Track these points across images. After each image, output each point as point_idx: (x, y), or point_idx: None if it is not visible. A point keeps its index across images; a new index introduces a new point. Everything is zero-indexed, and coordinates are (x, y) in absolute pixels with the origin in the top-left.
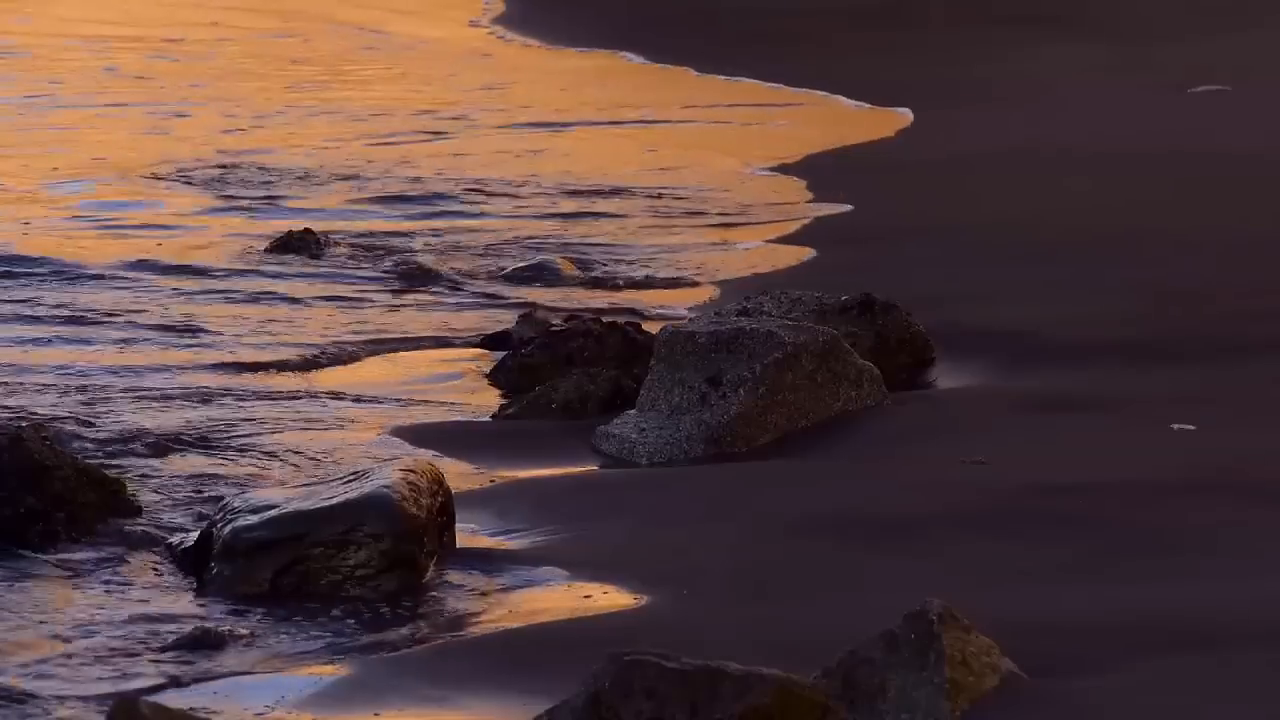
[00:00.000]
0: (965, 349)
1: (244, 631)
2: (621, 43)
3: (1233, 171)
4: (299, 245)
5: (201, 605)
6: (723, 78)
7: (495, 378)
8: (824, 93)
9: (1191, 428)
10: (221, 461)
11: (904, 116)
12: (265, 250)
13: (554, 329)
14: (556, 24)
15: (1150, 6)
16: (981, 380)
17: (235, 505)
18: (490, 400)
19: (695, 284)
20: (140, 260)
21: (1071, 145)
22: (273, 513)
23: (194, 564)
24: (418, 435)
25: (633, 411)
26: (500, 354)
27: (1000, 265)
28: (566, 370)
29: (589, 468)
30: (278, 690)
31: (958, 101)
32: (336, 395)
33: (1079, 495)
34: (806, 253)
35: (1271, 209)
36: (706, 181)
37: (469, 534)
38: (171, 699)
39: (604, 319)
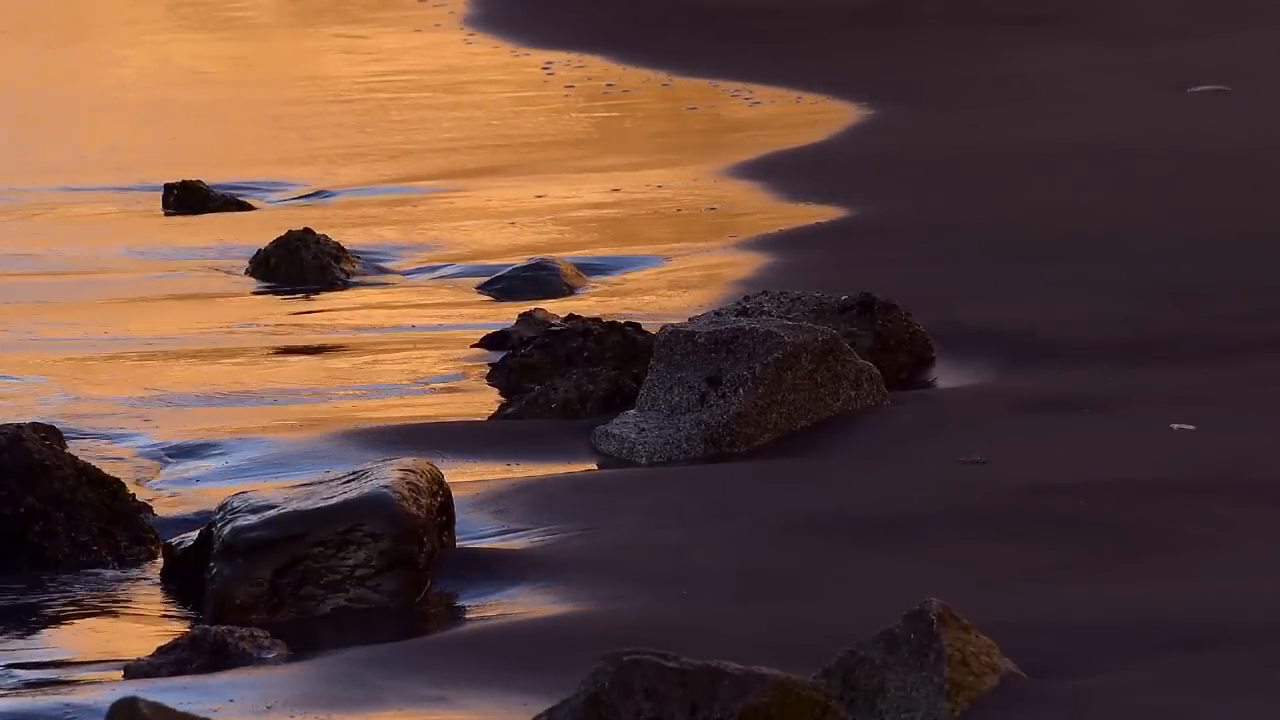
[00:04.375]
0: (965, 349)
1: (243, 632)
2: (594, 44)
3: (1233, 171)
4: (299, 244)
5: (201, 605)
6: (706, 80)
7: (494, 378)
8: (816, 93)
9: (1191, 428)
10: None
11: (902, 115)
12: (265, 248)
13: (553, 329)
14: (525, 22)
15: (1149, 6)
16: (981, 380)
17: (235, 505)
18: (490, 400)
19: (693, 286)
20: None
21: (1071, 145)
22: (272, 512)
23: (194, 564)
24: (416, 435)
25: (632, 411)
26: (500, 354)
27: (1000, 265)
28: (566, 370)
29: (589, 467)
30: (277, 690)
31: (956, 100)
32: (334, 395)
33: (1079, 495)
34: (805, 253)
35: (1271, 209)
36: (700, 183)
37: (468, 534)
38: (171, 699)
39: (604, 319)
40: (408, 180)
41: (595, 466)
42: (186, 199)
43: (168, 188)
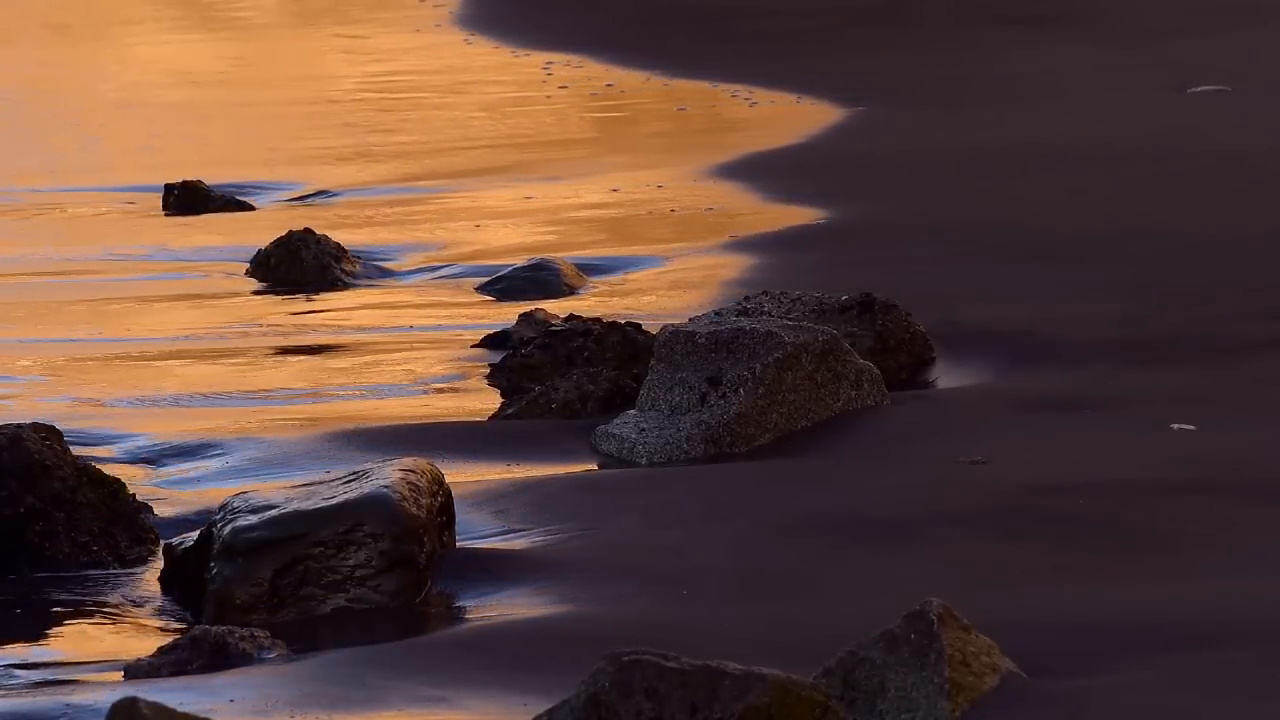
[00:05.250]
0: (965, 349)
1: (243, 632)
2: (594, 45)
3: (1233, 171)
4: (299, 244)
5: (201, 606)
6: (706, 81)
7: (495, 378)
8: (815, 94)
9: (1191, 428)
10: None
11: (901, 116)
12: (265, 249)
13: (554, 329)
14: (525, 24)
15: (1150, 6)
16: (981, 380)
17: (235, 505)
18: (490, 400)
19: (693, 286)
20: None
21: (1071, 145)
22: (273, 512)
23: (194, 564)
24: (416, 435)
25: (633, 411)
26: (500, 354)
27: (1000, 265)
28: (566, 370)
29: (589, 467)
30: (277, 690)
31: (957, 101)
32: (334, 395)
33: (1079, 495)
34: (805, 253)
35: (1271, 209)
36: (700, 184)
37: (469, 534)
38: (171, 699)
39: (604, 319)
40: (408, 180)
41: (595, 466)
42: (186, 199)
43: (168, 188)
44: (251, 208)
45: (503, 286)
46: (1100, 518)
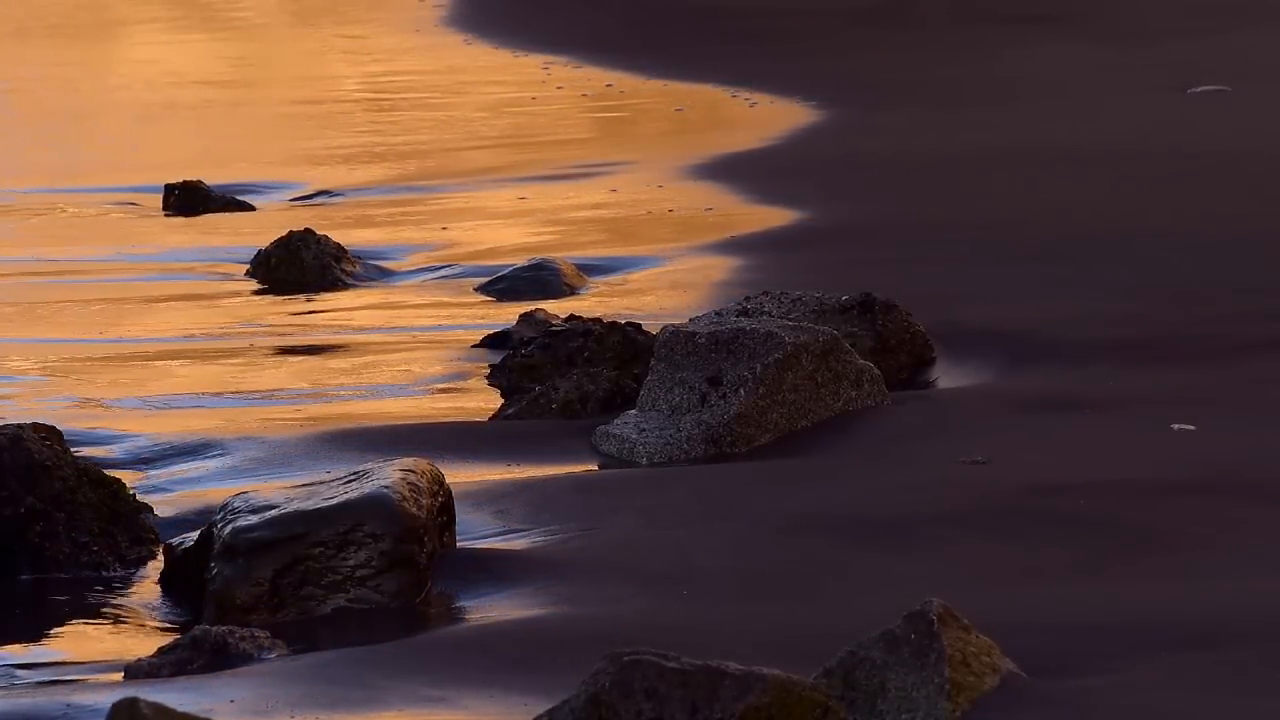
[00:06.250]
0: (965, 349)
1: (244, 632)
2: (593, 46)
3: (1233, 171)
4: (299, 245)
5: (201, 606)
6: (705, 82)
7: (495, 378)
8: (815, 94)
9: (1191, 428)
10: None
11: (902, 116)
12: (266, 249)
13: (554, 329)
14: (525, 25)
15: (1150, 6)
16: (981, 380)
17: (235, 505)
18: (490, 400)
19: (693, 286)
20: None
21: (1071, 145)
22: (273, 512)
23: (194, 564)
24: (417, 435)
25: (633, 411)
26: (500, 354)
27: (1000, 265)
28: (566, 370)
29: (589, 468)
30: (277, 690)
31: (957, 101)
32: (334, 395)
33: (1079, 495)
34: (805, 253)
35: (1271, 209)
36: (699, 184)
37: (469, 534)
38: (172, 699)
39: (604, 319)
40: (408, 180)
41: (596, 467)
42: (187, 199)
43: (168, 188)
44: (251, 208)
45: (503, 287)
46: (1100, 518)
